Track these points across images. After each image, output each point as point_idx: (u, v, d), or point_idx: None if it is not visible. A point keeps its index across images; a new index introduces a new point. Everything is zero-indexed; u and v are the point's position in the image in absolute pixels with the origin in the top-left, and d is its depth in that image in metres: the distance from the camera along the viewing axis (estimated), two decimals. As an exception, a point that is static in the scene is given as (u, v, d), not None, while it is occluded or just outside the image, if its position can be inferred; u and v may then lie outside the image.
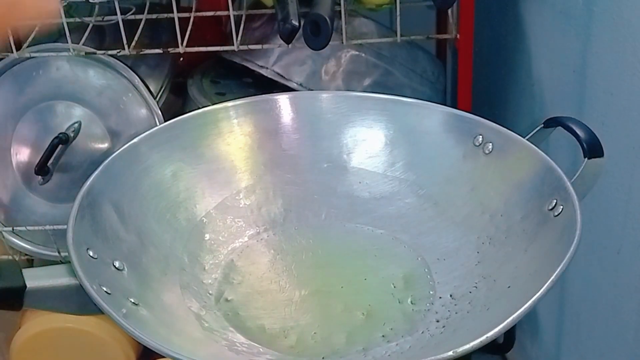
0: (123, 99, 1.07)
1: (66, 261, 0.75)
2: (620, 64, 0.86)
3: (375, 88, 1.09)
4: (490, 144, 0.70)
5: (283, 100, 0.86)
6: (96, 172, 0.67)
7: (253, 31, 1.10)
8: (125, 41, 1.00)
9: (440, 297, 0.64)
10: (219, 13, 1.08)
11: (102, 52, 1.04)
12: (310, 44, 0.94)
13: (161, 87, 1.15)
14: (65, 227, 0.77)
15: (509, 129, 0.70)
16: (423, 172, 0.74)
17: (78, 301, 0.74)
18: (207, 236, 0.72)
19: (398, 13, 0.99)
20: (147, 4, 1.09)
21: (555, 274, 0.54)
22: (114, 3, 0.98)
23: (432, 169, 0.74)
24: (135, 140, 0.72)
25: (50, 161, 1.04)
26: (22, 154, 1.09)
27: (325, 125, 0.83)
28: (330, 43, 0.93)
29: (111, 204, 0.68)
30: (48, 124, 1.07)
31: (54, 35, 1.17)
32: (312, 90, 1.07)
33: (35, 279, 0.75)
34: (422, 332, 0.61)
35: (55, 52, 1.04)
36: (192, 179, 0.74)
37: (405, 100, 0.80)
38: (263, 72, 1.10)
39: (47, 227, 1.09)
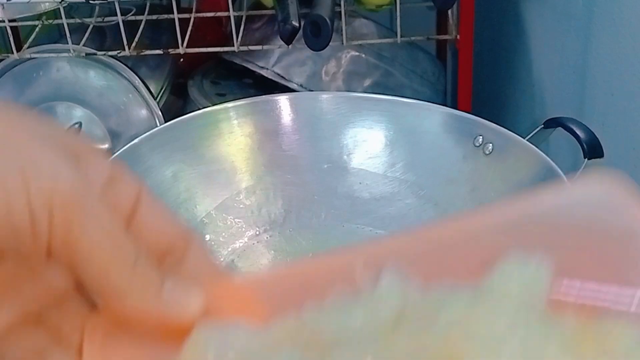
0: (123, 100, 1.07)
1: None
2: (620, 64, 0.86)
3: (376, 89, 1.09)
4: (491, 144, 0.71)
5: (283, 101, 0.86)
6: (96, 173, 0.67)
7: (253, 32, 1.10)
8: (125, 42, 1.00)
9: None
10: (219, 14, 1.08)
11: (103, 53, 1.04)
12: (311, 44, 0.94)
13: (161, 88, 1.15)
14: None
15: (509, 130, 0.70)
16: (423, 172, 0.74)
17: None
18: (207, 237, 0.72)
19: (398, 14, 0.99)
20: (148, 4, 1.09)
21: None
22: (114, 4, 0.98)
23: (433, 169, 0.74)
24: (135, 141, 0.72)
25: (51, 162, 1.04)
26: (22, 155, 1.09)
27: (325, 126, 0.83)
28: (330, 44, 0.93)
29: (111, 204, 0.67)
30: (48, 124, 1.07)
31: (55, 37, 1.17)
32: (312, 91, 1.07)
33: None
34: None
35: (56, 53, 1.04)
36: (192, 180, 0.74)
37: (405, 101, 0.80)
38: (263, 73, 1.10)
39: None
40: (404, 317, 0.30)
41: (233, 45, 1.01)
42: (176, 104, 1.20)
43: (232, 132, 0.80)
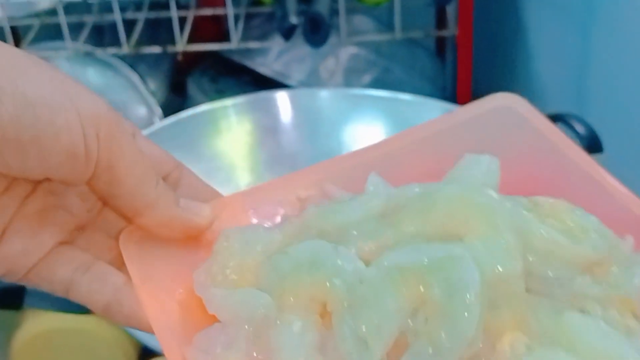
0: (122, 98, 1.07)
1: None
2: (620, 60, 0.86)
3: (375, 85, 1.09)
4: (490, 140, 0.70)
5: (282, 97, 0.86)
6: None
7: (252, 29, 1.10)
8: (124, 39, 1.00)
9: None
10: (218, 11, 1.08)
11: (101, 50, 1.03)
12: (309, 41, 0.94)
13: (160, 86, 1.15)
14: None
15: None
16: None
17: (78, 300, 0.74)
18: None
19: (397, 10, 0.99)
20: (147, 2, 1.09)
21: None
22: (112, 2, 0.98)
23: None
24: (134, 139, 0.72)
25: (50, 160, 1.04)
26: (21, 154, 1.09)
27: (324, 123, 0.83)
28: (329, 41, 0.93)
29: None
30: (47, 123, 1.07)
31: (53, 35, 1.17)
32: (311, 87, 1.07)
33: (35, 278, 0.75)
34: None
35: (54, 51, 1.04)
36: (191, 178, 0.74)
37: (404, 97, 0.80)
38: (262, 70, 1.10)
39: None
40: (397, 209, 0.37)
41: (232, 43, 1.01)
42: (175, 101, 1.20)
43: (231, 129, 0.80)
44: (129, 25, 1.03)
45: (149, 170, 0.36)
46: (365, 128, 0.80)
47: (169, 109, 1.10)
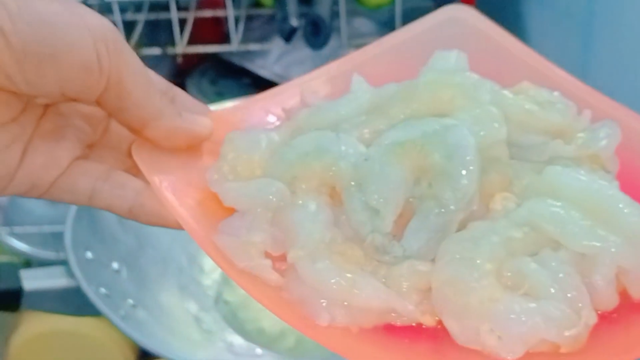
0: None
1: (64, 262, 0.75)
2: (621, 65, 0.86)
3: (375, 88, 1.08)
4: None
5: (282, 100, 0.85)
6: (94, 173, 0.66)
7: (252, 31, 1.10)
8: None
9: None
10: (218, 13, 1.07)
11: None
12: (310, 44, 0.94)
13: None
14: (63, 228, 0.76)
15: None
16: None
17: (76, 302, 0.74)
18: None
19: (398, 13, 0.98)
20: (147, 3, 1.09)
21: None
22: (111, 3, 0.97)
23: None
24: (133, 140, 0.71)
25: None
26: (20, 155, 1.09)
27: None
28: (329, 43, 0.93)
29: (109, 204, 0.67)
30: (46, 124, 1.07)
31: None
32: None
33: (32, 280, 0.74)
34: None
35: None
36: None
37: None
38: (262, 72, 1.10)
39: (46, 227, 1.08)
40: (382, 102, 0.40)
41: (232, 45, 1.00)
42: (174, 103, 1.20)
43: (230, 131, 0.79)
44: (129, 26, 1.03)
45: (152, 84, 0.38)
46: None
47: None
